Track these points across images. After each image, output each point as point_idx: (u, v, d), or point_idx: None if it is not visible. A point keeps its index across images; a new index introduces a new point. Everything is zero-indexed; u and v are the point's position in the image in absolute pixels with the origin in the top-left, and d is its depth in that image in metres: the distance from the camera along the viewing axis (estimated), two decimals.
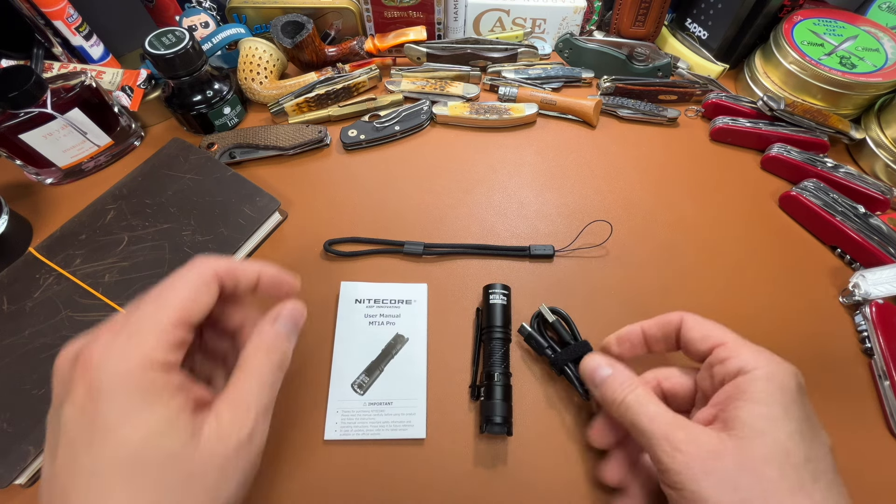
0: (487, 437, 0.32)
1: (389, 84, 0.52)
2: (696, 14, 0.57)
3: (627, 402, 0.25)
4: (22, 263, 0.37)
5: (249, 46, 0.49)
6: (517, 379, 0.35)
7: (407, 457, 0.32)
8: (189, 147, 0.43)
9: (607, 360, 0.29)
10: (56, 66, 0.45)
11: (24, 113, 0.38)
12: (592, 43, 0.55)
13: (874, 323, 0.36)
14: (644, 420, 0.24)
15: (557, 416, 0.34)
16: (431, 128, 0.51)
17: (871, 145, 0.48)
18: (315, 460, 0.31)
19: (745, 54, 0.56)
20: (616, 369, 0.28)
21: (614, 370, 0.28)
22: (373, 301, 0.37)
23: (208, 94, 0.46)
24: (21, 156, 0.41)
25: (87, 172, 0.46)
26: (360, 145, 0.48)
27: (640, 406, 0.25)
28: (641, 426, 0.24)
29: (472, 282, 0.39)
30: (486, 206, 0.45)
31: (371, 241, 0.41)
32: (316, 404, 0.33)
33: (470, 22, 0.57)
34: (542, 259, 0.41)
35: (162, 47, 0.41)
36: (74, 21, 0.45)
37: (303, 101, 0.49)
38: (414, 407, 0.33)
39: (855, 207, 0.41)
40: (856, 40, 0.50)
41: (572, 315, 0.36)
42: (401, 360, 0.35)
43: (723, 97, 0.51)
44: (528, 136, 0.51)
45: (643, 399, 0.25)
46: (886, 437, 0.33)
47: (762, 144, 0.48)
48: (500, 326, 0.35)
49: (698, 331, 0.27)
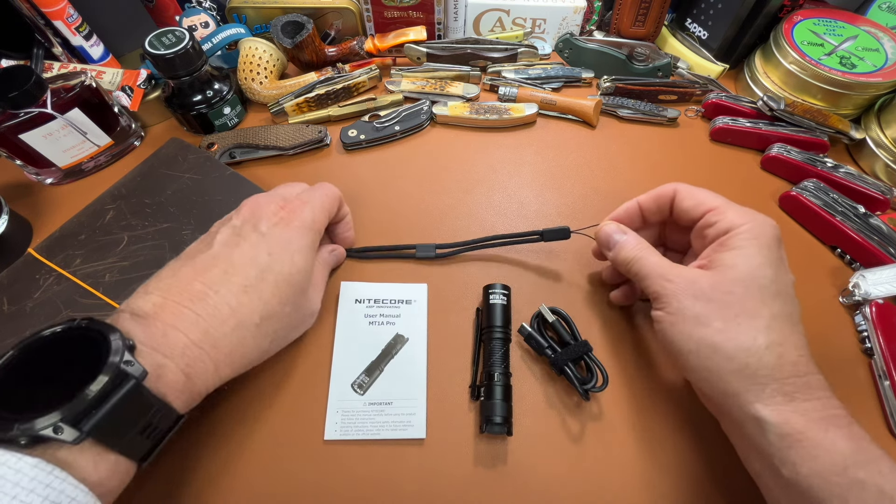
0: (487, 437, 0.32)
1: (389, 84, 0.52)
2: (696, 14, 0.57)
3: (637, 257, 0.31)
4: (22, 264, 0.37)
5: (249, 46, 0.49)
6: (517, 379, 0.35)
7: (407, 457, 0.32)
8: (188, 147, 0.43)
9: (620, 227, 0.33)
10: (56, 66, 0.45)
11: (24, 113, 0.38)
12: (592, 43, 0.55)
13: (874, 323, 0.36)
14: (647, 267, 0.30)
15: (557, 416, 0.34)
16: (431, 128, 0.51)
17: (871, 145, 0.48)
18: (315, 460, 0.31)
19: (745, 54, 0.56)
20: (629, 234, 0.32)
21: (627, 235, 0.32)
22: (373, 301, 0.37)
23: (208, 94, 0.46)
24: (21, 156, 0.41)
25: (87, 172, 0.46)
26: (360, 145, 0.48)
27: (645, 259, 0.30)
28: (645, 271, 0.30)
29: (472, 282, 0.39)
30: (486, 206, 0.45)
31: (383, 249, 0.40)
32: (316, 404, 0.33)
33: (470, 22, 0.57)
34: (557, 240, 0.38)
35: (162, 47, 0.41)
36: (74, 21, 0.45)
37: (303, 101, 0.49)
38: (414, 407, 0.33)
39: (855, 207, 0.41)
40: (856, 40, 0.50)
41: (572, 315, 0.36)
42: (401, 360, 0.35)
43: (723, 97, 0.51)
44: (528, 136, 0.51)
45: (647, 254, 0.31)
46: (887, 437, 0.33)
47: (762, 144, 0.48)
48: (500, 326, 0.35)
49: (691, 199, 0.31)
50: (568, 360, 0.33)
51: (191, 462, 0.31)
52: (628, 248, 0.31)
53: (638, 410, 0.34)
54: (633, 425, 0.33)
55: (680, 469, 0.32)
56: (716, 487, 0.31)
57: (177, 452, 0.31)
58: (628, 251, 0.31)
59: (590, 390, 0.33)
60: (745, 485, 0.29)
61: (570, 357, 0.33)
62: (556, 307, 0.37)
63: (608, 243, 0.33)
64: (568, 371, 0.33)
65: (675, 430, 0.33)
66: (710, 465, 0.32)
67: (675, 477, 0.31)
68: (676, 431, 0.33)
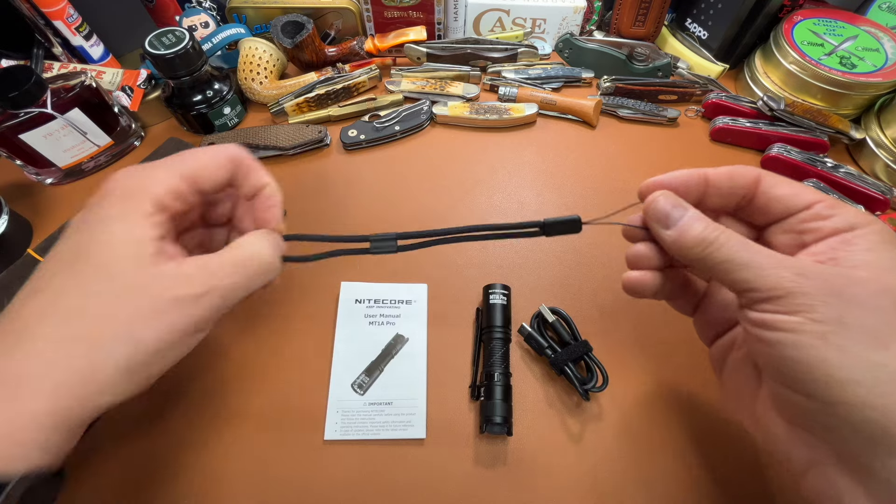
0: (487, 437, 0.32)
1: (389, 84, 0.52)
2: (696, 14, 0.57)
3: (717, 239, 0.22)
4: (21, 264, 0.37)
5: (249, 46, 0.49)
6: (517, 379, 0.35)
7: (407, 457, 0.32)
8: (186, 146, 0.43)
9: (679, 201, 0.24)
10: (56, 66, 0.45)
11: (24, 113, 0.38)
12: (592, 43, 0.55)
13: None
14: (741, 253, 0.21)
15: (557, 416, 0.34)
16: (431, 128, 0.51)
17: (871, 145, 0.48)
18: (315, 460, 0.31)
19: (745, 54, 0.56)
20: (691, 209, 0.24)
21: (690, 210, 0.24)
22: (373, 301, 0.37)
23: (208, 94, 0.46)
24: (21, 156, 0.41)
25: (87, 172, 0.46)
26: (360, 145, 0.48)
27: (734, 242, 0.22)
28: (740, 258, 0.21)
29: (472, 282, 0.39)
30: (486, 205, 0.45)
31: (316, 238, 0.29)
32: (316, 404, 0.33)
33: (470, 22, 0.57)
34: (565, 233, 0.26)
35: (162, 47, 0.41)
36: (74, 21, 0.45)
37: (303, 101, 0.49)
38: (414, 407, 0.33)
39: (855, 208, 0.41)
40: (856, 40, 0.50)
41: (572, 315, 0.36)
42: (401, 360, 0.35)
43: (723, 97, 0.51)
44: (528, 136, 0.51)
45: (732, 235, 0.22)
46: None
47: (762, 144, 0.48)
48: (500, 326, 0.35)
49: (788, 186, 0.24)
50: (568, 360, 0.33)
51: (191, 462, 0.31)
52: (701, 227, 0.23)
53: (638, 410, 0.34)
54: (633, 425, 0.33)
55: (679, 469, 0.32)
56: (715, 487, 0.31)
57: (177, 452, 0.31)
58: (701, 230, 0.23)
59: (590, 390, 0.33)
60: (744, 485, 0.29)
61: (570, 357, 0.33)
62: (556, 307, 0.37)
63: (667, 219, 0.24)
64: (568, 371, 0.33)
65: (674, 430, 0.33)
66: (709, 465, 0.32)
67: (674, 477, 0.31)
68: (676, 431, 0.33)
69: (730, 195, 0.25)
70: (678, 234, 0.23)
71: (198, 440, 0.32)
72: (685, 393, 0.34)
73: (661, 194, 0.25)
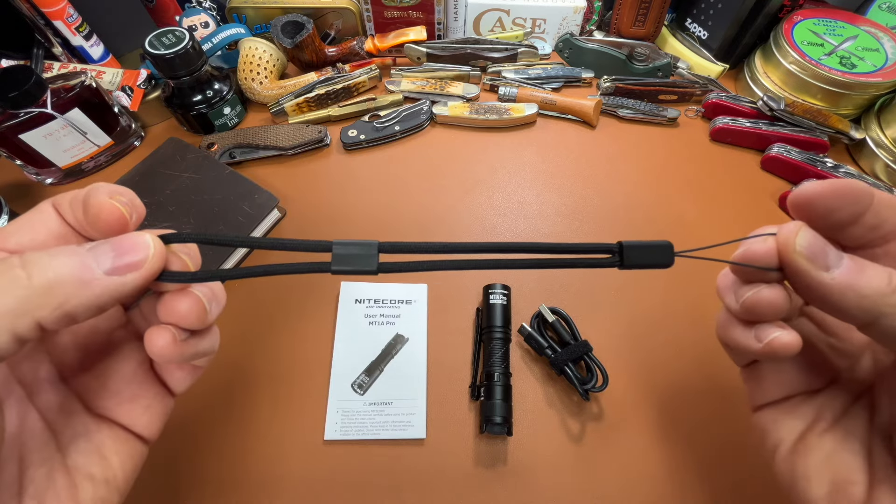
0: (487, 437, 0.32)
1: (389, 84, 0.52)
2: (696, 14, 0.57)
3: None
4: None
5: (249, 46, 0.49)
6: (517, 379, 0.35)
7: (407, 457, 0.32)
8: (186, 146, 0.43)
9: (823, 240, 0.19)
10: (56, 66, 0.45)
11: (24, 113, 0.38)
12: (592, 43, 0.55)
13: None
14: None
15: (557, 416, 0.34)
16: (431, 128, 0.51)
17: (871, 145, 0.48)
18: (315, 460, 0.31)
19: (745, 54, 0.56)
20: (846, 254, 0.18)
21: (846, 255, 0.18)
22: (373, 301, 0.37)
23: (208, 94, 0.46)
24: (21, 156, 0.41)
25: (87, 172, 0.46)
26: (360, 145, 0.48)
27: None
28: None
29: (472, 282, 0.39)
30: (486, 205, 0.45)
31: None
32: (316, 404, 0.33)
33: (470, 22, 0.57)
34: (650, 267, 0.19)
35: (162, 47, 0.41)
36: (74, 21, 0.45)
37: (303, 101, 0.49)
38: (414, 407, 0.33)
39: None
40: (856, 40, 0.50)
41: (572, 315, 0.36)
42: (401, 360, 0.35)
43: (723, 97, 0.51)
44: (528, 136, 0.51)
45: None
46: None
47: (762, 144, 0.48)
48: (500, 326, 0.35)
49: None
50: (568, 360, 0.33)
51: (191, 462, 0.31)
52: (877, 270, 0.17)
53: (638, 410, 0.34)
54: (633, 425, 0.33)
55: (679, 469, 0.32)
56: (715, 487, 0.31)
57: (177, 453, 0.31)
58: (880, 275, 0.17)
59: (590, 390, 0.33)
60: (744, 485, 0.29)
61: (570, 357, 0.33)
62: (556, 307, 0.37)
63: (826, 258, 0.18)
64: (568, 371, 0.33)
65: (674, 429, 0.33)
66: (709, 465, 0.32)
67: (674, 477, 0.31)
68: (676, 431, 0.33)
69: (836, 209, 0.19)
70: (851, 278, 0.17)
71: (197, 440, 0.32)
72: (685, 393, 0.34)
73: (807, 231, 0.19)
